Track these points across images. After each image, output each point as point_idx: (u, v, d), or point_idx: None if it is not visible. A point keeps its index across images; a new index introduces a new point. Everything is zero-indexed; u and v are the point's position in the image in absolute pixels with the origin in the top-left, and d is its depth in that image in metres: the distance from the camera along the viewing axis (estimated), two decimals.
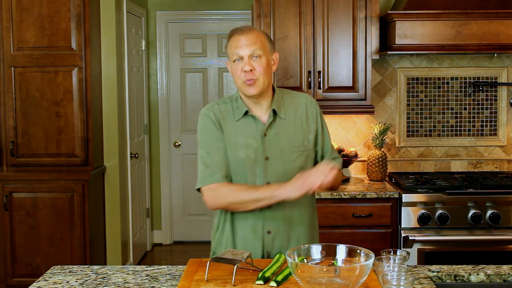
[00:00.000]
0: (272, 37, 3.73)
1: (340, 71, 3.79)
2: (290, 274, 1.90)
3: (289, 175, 2.20)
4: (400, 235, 3.50)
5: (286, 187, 2.08)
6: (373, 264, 1.74)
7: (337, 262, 1.84)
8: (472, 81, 4.10)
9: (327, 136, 2.35)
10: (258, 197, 2.13)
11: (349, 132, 4.14)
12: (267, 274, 1.91)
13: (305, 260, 1.84)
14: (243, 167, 2.22)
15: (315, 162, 2.32)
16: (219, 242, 2.34)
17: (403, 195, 3.49)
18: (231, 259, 1.92)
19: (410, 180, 3.74)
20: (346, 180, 3.94)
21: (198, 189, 2.25)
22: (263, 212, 2.21)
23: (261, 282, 1.88)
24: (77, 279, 2.05)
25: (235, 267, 1.89)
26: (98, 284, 1.99)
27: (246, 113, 2.24)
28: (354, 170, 4.15)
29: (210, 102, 2.41)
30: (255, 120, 2.24)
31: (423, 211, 3.47)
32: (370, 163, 3.92)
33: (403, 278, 1.74)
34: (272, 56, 2.25)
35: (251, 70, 2.15)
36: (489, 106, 4.13)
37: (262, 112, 2.25)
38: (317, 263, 1.84)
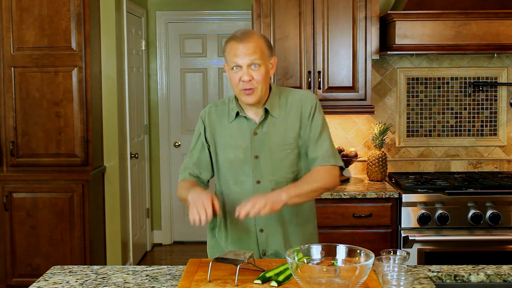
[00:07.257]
0: (272, 37, 3.73)
1: (340, 71, 3.79)
2: (292, 274, 1.90)
3: (278, 173, 2.23)
4: (400, 235, 3.50)
5: (190, 193, 2.07)
6: (373, 264, 1.74)
7: (337, 262, 1.84)
8: (472, 81, 4.10)
9: (317, 126, 2.23)
10: (185, 197, 2.14)
11: (349, 132, 4.14)
12: (268, 275, 1.91)
13: (305, 260, 1.84)
14: (233, 167, 2.25)
15: (306, 154, 2.27)
16: (215, 243, 2.37)
17: (403, 195, 3.49)
18: (233, 259, 1.92)
19: (410, 180, 3.74)
20: (346, 180, 3.94)
21: None
22: None
23: (259, 281, 1.88)
24: (77, 279, 2.05)
25: (238, 267, 1.89)
26: (98, 284, 1.99)
27: (238, 114, 2.24)
28: (354, 170, 4.15)
29: (210, 103, 2.42)
30: (247, 120, 2.24)
31: (423, 211, 3.47)
32: (370, 163, 3.92)
33: (403, 278, 1.74)
34: (271, 61, 2.20)
35: (249, 80, 2.12)
36: (489, 106, 4.12)
37: (256, 113, 2.24)
38: (317, 263, 1.84)
